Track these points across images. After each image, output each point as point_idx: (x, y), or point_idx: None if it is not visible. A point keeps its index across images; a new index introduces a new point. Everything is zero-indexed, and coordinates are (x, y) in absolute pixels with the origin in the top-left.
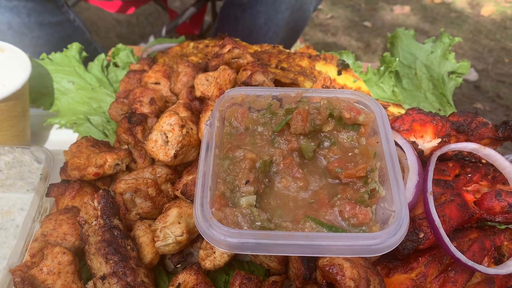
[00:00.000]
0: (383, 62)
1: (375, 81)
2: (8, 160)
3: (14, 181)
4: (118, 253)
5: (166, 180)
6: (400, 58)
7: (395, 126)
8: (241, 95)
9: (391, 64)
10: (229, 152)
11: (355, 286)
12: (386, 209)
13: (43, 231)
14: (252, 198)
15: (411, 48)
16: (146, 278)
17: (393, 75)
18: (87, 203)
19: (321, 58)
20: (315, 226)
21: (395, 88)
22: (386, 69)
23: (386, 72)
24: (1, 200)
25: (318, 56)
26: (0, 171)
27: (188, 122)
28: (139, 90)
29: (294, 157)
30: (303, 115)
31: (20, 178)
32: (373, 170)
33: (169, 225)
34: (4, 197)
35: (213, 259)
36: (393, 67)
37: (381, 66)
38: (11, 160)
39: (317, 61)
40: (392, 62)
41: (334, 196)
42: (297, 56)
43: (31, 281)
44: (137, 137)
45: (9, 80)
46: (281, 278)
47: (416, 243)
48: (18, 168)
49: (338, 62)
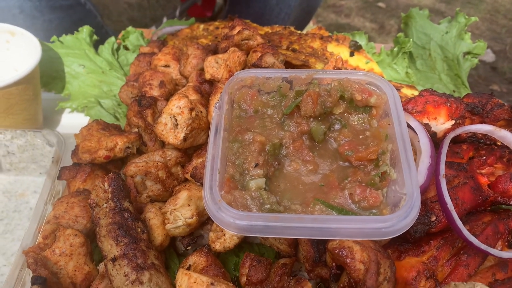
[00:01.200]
0: (396, 43)
1: (388, 62)
2: (20, 144)
3: (27, 164)
4: (129, 235)
5: (176, 163)
6: (414, 39)
7: (408, 108)
8: (250, 77)
9: (404, 45)
10: (238, 135)
11: (365, 269)
12: (397, 192)
13: (55, 214)
14: (262, 181)
15: (426, 29)
16: (157, 260)
17: (406, 56)
18: (98, 186)
19: (333, 39)
20: (325, 209)
21: (408, 69)
22: (400, 50)
23: (400, 53)
24: (15, 183)
25: (330, 37)
26: (13, 154)
27: (197, 105)
28: (149, 73)
29: (304, 140)
30: (314, 97)
31: (33, 161)
32: (385, 153)
33: (179, 208)
34: (18, 180)
35: (223, 241)
36: (407, 48)
37: (395, 47)
38: (24, 144)
39: (329, 42)
40: (406, 43)
41: (344, 179)
42: (308, 37)
43: (44, 262)
44: (147, 120)
45: (20, 64)
46: (291, 260)
47: (428, 226)
48: (31, 152)
49: (350, 43)
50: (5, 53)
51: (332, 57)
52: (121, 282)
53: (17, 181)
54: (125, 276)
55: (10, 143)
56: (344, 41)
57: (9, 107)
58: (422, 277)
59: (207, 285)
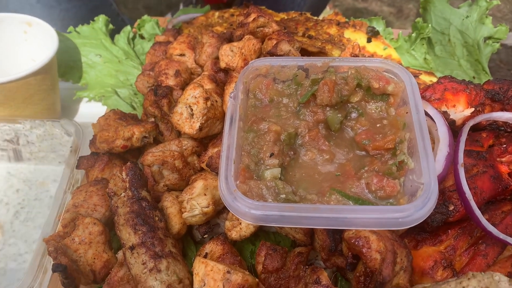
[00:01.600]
0: (415, 29)
1: (407, 48)
2: (39, 133)
3: (46, 153)
4: (146, 223)
5: (192, 153)
6: (433, 24)
7: (426, 96)
8: (265, 66)
9: (423, 31)
10: (253, 124)
11: (381, 259)
12: (415, 181)
13: (74, 202)
14: (277, 171)
15: (445, 13)
16: (174, 248)
17: (425, 42)
18: (116, 175)
19: (350, 25)
20: (341, 199)
21: (427, 55)
22: (418, 35)
23: (418, 39)
24: (36, 172)
25: (347, 23)
26: (33, 144)
27: (212, 94)
28: (164, 62)
29: (320, 129)
30: (330, 86)
31: (52, 151)
32: (402, 142)
33: (196, 197)
34: (38, 169)
35: (239, 230)
36: (426, 33)
37: (413, 32)
38: (42, 133)
39: (346, 28)
40: (425, 28)
41: (361, 168)
42: (325, 24)
43: (64, 250)
44: (163, 110)
45: (38, 55)
46: (307, 249)
47: (446, 215)
48: (49, 141)
49: (367, 29)
50: (23, 43)
51: (349, 44)
52: (139, 270)
53: (37, 170)
54: (143, 264)
55: (29, 132)
56: (361, 27)
57: (28, 97)
58: (440, 267)
59: (224, 273)
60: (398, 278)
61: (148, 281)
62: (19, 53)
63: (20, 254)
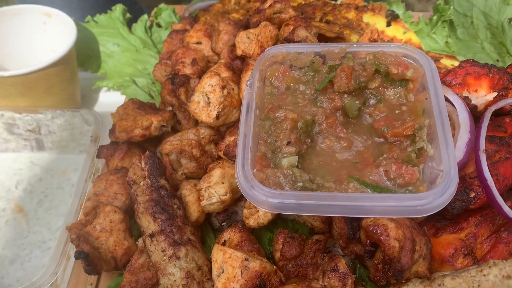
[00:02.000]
0: (436, 11)
1: (427, 31)
2: (60, 123)
3: (67, 142)
4: (165, 212)
5: (210, 141)
6: (455, 6)
7: (446, 80)
8: (281, 53)
9: (444, 13)
10: (270, 112)
11: (400, 246)
12: (434, 168)
13: (95, 191)
14: (294, 159)
15: None
16: (193, 236)
17: (446, 25)
18: (135, 164)
19: (369, 9)
20: (359, 187)
21: (448, 38)
22: (439, 18)
23: (439, 22)
24: (57, 161)
25: (365, 7)
26: (54, 133)
27: (229, 82)
28: (181, 51)
29: (338, 116)
30: (347, 72)
31: (73, 140)
32: (421, 128)
33: (213, 185)
34: (60, 158)
35: (257, 217)
36: (447, 16)
37: (434, 15)
38: (63, 123)
39: (365, 12)
40: (446, 11)
41: (379, 155)
42: (343, 8)
43: (86, 238)
44: (180, 99)
45: (57, 45)
46: (325, 237)
47: (466, 203)
48: (70, 131)
49: (387, 12)
50: (42, 34)
51: (367, 28)
52: (159, 257)
53: (59, 159)
54: (163, 252)
55: (51, 122)
56: (381, 10)
57: (48, 87)
58: (460, 254)
59: (242, 260)
60: (417, 266)
61: (168, 268)
62: (39, 43)
63: (44, 241)
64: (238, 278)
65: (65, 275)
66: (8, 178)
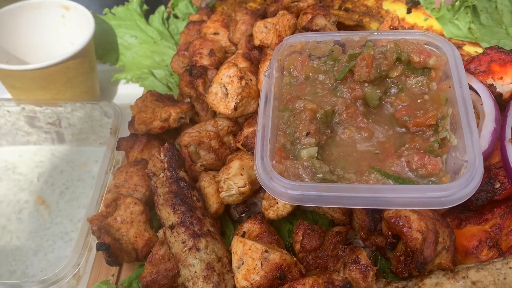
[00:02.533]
0: None
1: (449, 18)
2: (80, 116)
3: (87, 135)
4: (185, 203)
5: (228, 132)
6: None
7: (470, 68)
8: (300, 42)
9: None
10: (288, 103)
11: (423, 238)
12: (458, 158)
13: (115, 183)
14: (313, 150)
15: None
16: (212, 227)
17: (469, 11)
18: (154, 156)
19: None
20: (381, 178)
21: (471, 24)
22: (462, 4)
23: (462, 8)
24: (78, 153)
25: None
26: (74, 126)
27: (247, 73)
28: (199, 42)
29: (358, 106)
30: (368, 61)
31: (92, 132)
32: (444, 118)
33: (232, 177)
34: (80, 150)
35: (276, 209)
36: (470, 1)
37: (456, 1)
38: (83, 116)
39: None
40: None
41: (401, 146)
42: None
43: (107, 230)
44: (198, 90)
45: (75, 38)
46: (345, 228)
47: (491, 193)
48: (90, 123)
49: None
50: (61, 27)
51: (387, 16)
52: (179, 248)
53: (79, 151)
54: (183, 243)
55: (70, 115)
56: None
57: (68, 80)
58: (485, 246)
59: (262, 252)
60: (440, 258)
61: (188, 260)
62: (58, 36)
63: (66, 232)
64: (258, 270)
65: (87, 266)
66: (30, 171)
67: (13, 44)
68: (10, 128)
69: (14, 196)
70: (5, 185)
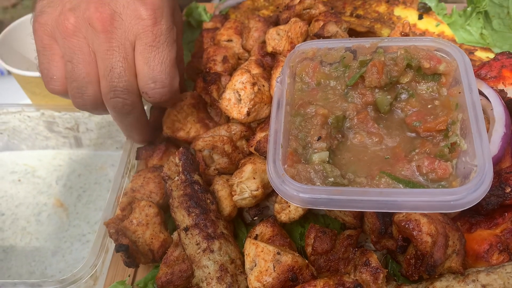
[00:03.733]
0: (470, 3)
1: (461, 23)
2: (97, 121)
3: (104, 140)
4: (199, 206)
5: (241, 137)
6: None
7: (481, 74)
8: (311, 49)
9: (479, 4)
10: (300, 108)
11: (432, 241)
12: (468, 163)
13: (132, 186)
14: (325, 154)
15: None
16: (225, 230)
17: (481, 16)
18: (170, 160)
19: (400, 2)
20: (391, 182)
21: (483, 30)
22: (474, 9)
23: (474, 13)
24: (95, 157)
25: (397, 0)
26: (92, 131)
27: (259, 79)
28: (212, 49)
29: (369, 111)
30: (379, 67)
31: (109, 137)
32: (455, 123)
33: (245, 180)
34: (97, 154)
35: (288, 212)
36: (482, 7)
37: (468, 6)
38: (100, 121)
39: (396, 5)
40: (481, 2)
41: (411, 150)
42: (374, 1)
43: (124, 232)
44: (212, 96)
45: None
46: (356, 232)
47: (502, 198)
48: (107, 128)
49: (419, 5)
50: None
51: (399, 22)
52: (193, 250)
53: (96, 155)
54: (197, 245)
55: (88, 120)
56: (412, 3)
57: None
58: (495, 250)
59: (274, 254)
60: (450, 261)
61: (202, 261)
62: None
63: (83, 234)
64: (270, 272)
65: (104, 267)
66: (49, 174)
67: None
68: (30, 133)
69: (33, 199)
70: (25, 188)
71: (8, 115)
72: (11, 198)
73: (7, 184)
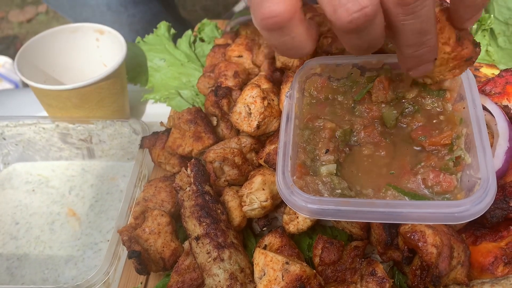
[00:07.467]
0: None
1: None
2: (110, 133)
3: (116, 151)
4: (210, 216)
5: (251, 150)
6: (496, 14)
7: (486, 90)
8: (320, 65)
9: (485, 22)
10: (309, 122)
11: (437, 253)
12: (472, 176)
13: (144, 196)
14: (333, 167)
15: (508, 2)
16: (235, 239)
17: (487, 34)
18: (182, 171)
19: None
20: (397, 195)
21: (489, 47)
22: (480, 27)
23: (479, 30)
24: (107, 168)
25: None
26: (104, 142)
27: (269, 93)
28: (224, 64)
29: (376, 125)
30: (385, 83)
31: (121, 148)
32: (459, 137)
33: (254, 191)
34: (109, 165)
35: (297, 223)
36: (487, 25)
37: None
38: (113, 132)
39: None
40: (486, 20)
41: (417, 164)
42: None
43: (136, 240)
44: (223, 110)
45: (108, 60)
46: (363, 243)
47: (506, 211)
48: (119, 139)
49: None
50: (95, 50)
51: None
52: (204, 258)
53: (108, 166)
54: (208, 254)
55: (101, 132)
56: None
57: (100, 100)
58: (500, 263)
59: (282, 264)
60: (455, 272)
61: (213, 269)
62: (92, 59)
63: (95, 243)
64: (279, 281)
65: (116, 275)
66: (62, 184)
67: (51, 66)
68: (44, 144)
69: (47, 208)
70: (39, 198)
71: (24, 127)
72: (26, 207)
73: (21, 194)
